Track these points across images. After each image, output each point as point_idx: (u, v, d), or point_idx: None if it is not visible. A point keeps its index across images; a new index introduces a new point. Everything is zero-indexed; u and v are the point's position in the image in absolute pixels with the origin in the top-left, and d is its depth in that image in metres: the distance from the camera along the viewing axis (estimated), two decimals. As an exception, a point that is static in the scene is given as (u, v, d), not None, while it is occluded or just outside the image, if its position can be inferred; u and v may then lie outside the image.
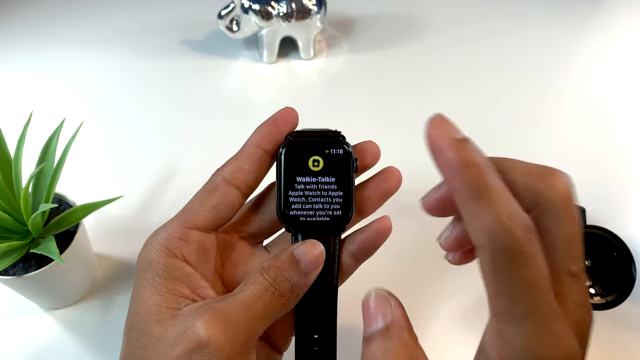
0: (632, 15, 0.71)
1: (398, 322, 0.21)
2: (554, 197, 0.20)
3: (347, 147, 0.26)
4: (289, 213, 0.26)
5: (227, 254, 0.28)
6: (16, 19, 0.67)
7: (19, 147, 0.34)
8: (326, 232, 0.27)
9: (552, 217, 0.20)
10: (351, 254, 0.28)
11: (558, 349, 0.18)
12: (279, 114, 0.27)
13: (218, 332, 0.22)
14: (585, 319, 0.20)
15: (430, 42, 0.65)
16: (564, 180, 0.20)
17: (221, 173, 0.26)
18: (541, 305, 0.18)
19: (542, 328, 0.18)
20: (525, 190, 0.20)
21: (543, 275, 0.18)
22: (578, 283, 0.20)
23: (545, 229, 0.20)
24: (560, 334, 0.18)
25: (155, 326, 0.23)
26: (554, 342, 0.18)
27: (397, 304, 0.22)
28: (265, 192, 0.29)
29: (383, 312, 0.21)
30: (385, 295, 0.22)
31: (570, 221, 0.20)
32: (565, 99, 0.59)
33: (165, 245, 0.25)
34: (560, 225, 0.19)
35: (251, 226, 0.29)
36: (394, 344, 0.21)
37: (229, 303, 0.23)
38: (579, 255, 0.20)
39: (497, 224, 0.18)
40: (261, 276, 0.24)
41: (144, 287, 0.24)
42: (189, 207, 0.26)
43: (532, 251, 0.18)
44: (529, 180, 0.20)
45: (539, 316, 0.18)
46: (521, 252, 0.18)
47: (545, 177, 0.20)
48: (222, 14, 0.57)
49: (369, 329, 0.22)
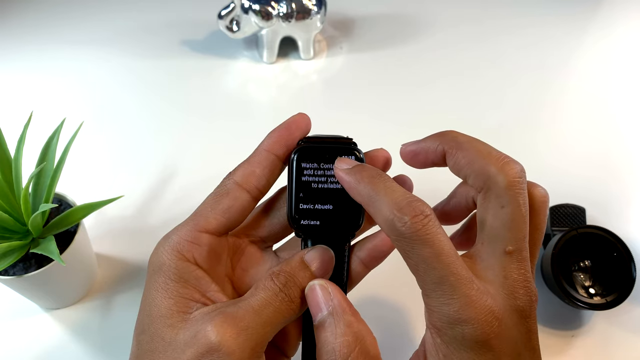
0: (632, 15, 0.71)
1: (339, 305, 0.24)
2: (500, 180, 0.22)
3: (359, 154, 0.26)
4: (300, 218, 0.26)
5: (238, 257, 0.28)
6: (16, 19, 0.67)
7: (19, 147, 0.34)
8: (336, 238, 0.27)
9: (497, 198, 0.22)
10: (360, 261, 0.28)
11: (470, 310, 0.21)
12: (292, 120, 0.27)
13: (229, 336, 0.22)
14: (519, 292, 0.22)
15: (430, 42, 0.65)
16: (515, 168, 0.23)
17: (233, 177, 0.26)
18: (448, 275, 0.21)
19: (452, 294, 0.21)
20: (479, 170, 0.23)
21: (444, 250, 0.21)
22: (514, 260, 0.22)
23: (489, 208, 0.23)
24: (471, 297, 0.21)
25: (166, 330, 0.23)
26: (465, 304, 0.21)
27: (335, 290, 0.24)
28: (275, 197, 0.29)
29: (325, 300, 0.24)
30: (322, 284, 0.25)
31: (514, 205, 0.22)
32: (566, 99, 0.59)
33: (177, 248, 0.25)
34: (503, 206, 0.22)
35: (261, 230, 0.29)
36: (339, 326, 0.23)
37: (240, 308, 0.23)
38: (518, 236, 0.22)
39: (386, 218, 0.22)
40: (271, 281, 0.24)
41: (156, 290, 0.24)
42: (201, 210, 0.26)
43: (427, 232, 0.21)
44: (484, 162, 0.23)
45: (447, 284, 0.21)
46: (417, 236, 0.21)
47: (498, 163, 0.23)
48: (222, 14, 0.57)
49: (316, 317, 0.24)
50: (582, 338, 0.40)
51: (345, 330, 0.23)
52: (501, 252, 0.22)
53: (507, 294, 0.22)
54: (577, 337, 0.40)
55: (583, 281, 0.40)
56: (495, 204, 0.22)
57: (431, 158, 0.26)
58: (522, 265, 0.22)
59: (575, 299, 0.38)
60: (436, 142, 0.25)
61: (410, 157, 0.26)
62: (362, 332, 0.23)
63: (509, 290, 0.22)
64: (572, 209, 0.44)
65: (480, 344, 0.21)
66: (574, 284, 0.39)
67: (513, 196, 0.22)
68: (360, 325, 0.24)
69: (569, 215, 0.44)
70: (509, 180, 0.22)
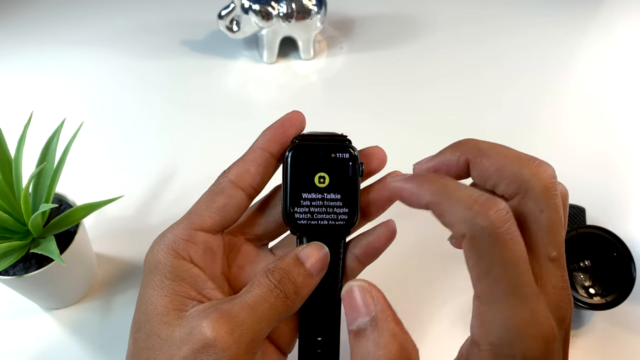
0: (632, 15, 0.71)
1: (383, 312, 0.21)
2: (536, 185, 0.21)
3: (353, 151, 0.26)
4: (295, 216, 0.26)
5: (233, 255, 0.28)
6: (16, 19, 0.67)
7: (19, 147, 0.34)
8: (331, 235, 0.27)
9: (534, 202, 0.21)
10: (355, 257, 0.28)
11: (536, 327, 0.19)
12: (286, 117, 0.27)
13: (224, 332, 0.22)
14: (564, 302, 0.21)
15: (430, 42, 0.65)
16: (548, 170, 0.22)
17: (227, 175, 0.26)
18: (521, 285, 0.19)
19: (521, 306, 0.19)
20: (512, 176, 0.22)
21: (522, 256, 0.19)
22: (557, 267, 0.21)
23: (527, 214, 0.21)
24: (538, 313, 0.19)
25: (162, 327, 0.24)
26: (532, 320, 0.19)
27: (378, 293, 0.22)
28: (271, 195, 0.29)
29: (366, 303, 0.21)
30: (364, 286, 0.22)
31: (552, 208, 0.21)
32: (565, 99, 0.59)
33: (172, 247, 0.25)
34: (542, 211, 0.21)
35: (257, 228, 0.29)
36: (383, 335, 0.21)
37: (235, 304, 0.23)
38: (559, 241, 0.21)
39: (468, 210, 0.19)
40: (266, 278, 0.24)
41: (151, 288, 0.25)
42: (196, 209, 0.26)
43: (508, 232, 0.19)
44: (516, 167, 0.22)
45: (518, 295, 0.19)
46: (498, 234, 0.19)
47: (531, 166, 0.22)
48: (222, 14, 0.57)
49: (354, 322, 0.21)
50: (582, 338, 0.40)
51: (389, 340, 0.21)
52: (545, 259, 0.21)
53: (556, 305, 0.20)
54: (577, 337, 0.40)
55: (583, 281, 0.40)
56: (534, 209, 0.21)
57: (454, 171, 0.24)
58: (564, 272, 0.21)
59: (575, 299, 0.38)
60: (456, 153, 0.24)
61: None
62: (407, 343, 0.21)
63: (557, 301, 0.21)
64: (572, 209, 0.44)
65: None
66: (574, 284, 0.39)
67: (551, 199, 0.21)
68: (405, 335, 0.21)
69: (569, 215, 0.44)
70: (545, 183, 0.21)
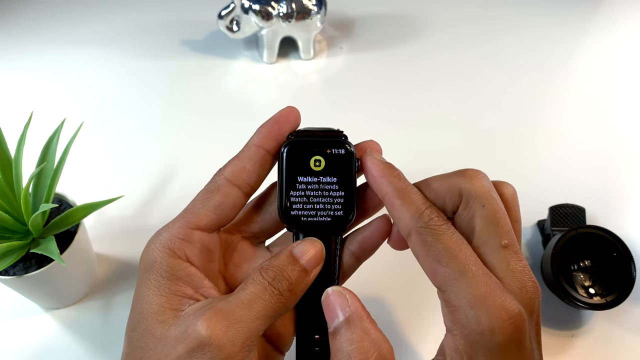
0: (632, 15, 0.71)
1: (356, 312, 0.24)
2: (472, 187, 0.24)
3: (349, 147, 0.26)
4: (291, 213, 0.26)
5: (230, 253, 0.28)
6: (16, 19, 0.67)
7: (19, 147, 0.34)
8: (327, 232, 0.27)
9: (475, 201, 0.23)
10: (352, 254, 0.28)
11: (494, 300, 0.21)
12: (280, 114, 0.27)
13: (219, 331, 0.22)
14: (527, 284, 0.22)
15: (430, 42, 0.65)
16: (478, 174, 0.24)
17: (223, 173, 0.26)
18: (469, 264, 0.22)
19: (475, 284, 0.21)
20: (450, 191, 0.24)
21: (463, 243, 0.23)
22: (512, 253, 0.23)
23: (471, 214, 0.24)
24: (494, 288, 0.21)
25: (157, 326, 0.23)
26: (490, 295, 0.21)
27: (352, 296, 0.24)
28: (267, 192, 0.29)
29: (341, 306, 0.24)
30: (340, 290, 0.25)
31: (492, 203, 0.23)
32: (565, 99, 0.59)
33: (168, 245, 0.25)
34: (483, 205, 0.23)
35: (253, 226, 0.29)
36: (356, 333, 0.23)
37: (230, 302, 0.23)
38: (507, 229, 0.23)
39: (417, 209, 0.23)
40: (260, 275, 0.24)
41: (147, 288, 0.24)
42: (191, 207, 0.26)
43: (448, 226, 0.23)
44: (451, 182, 0.24)
45: (470, 274, 0.21)
46: (439, 226, 0.23)
47: (463, 175, 0.24)
48: (222, 14, 0.57)
49: (332, 324, 0.24)
50: (582, 338, 0.40)
51: (362, 336, 0.23)
52: (498, 247, 0.23)
53: (519, 288, 0.22)
54: (577, 337, 0.40)
55: (583, 281, 0.40)
56: (477, 206, 0.23)
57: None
58: (520, 257, 0.23)
59: (575, 299, 0.38)
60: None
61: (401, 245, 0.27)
62: (380, 340, 0.23)
63: (519, 283, 0.22)
64: (572, 209, 0.44)
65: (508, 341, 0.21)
66: (573, 284, 0.39)
67: (488, 193, 0.24)
68: (377, 333, 0.23)
69: (569, 215, 0.44)
70: (480, 185, 0.24)
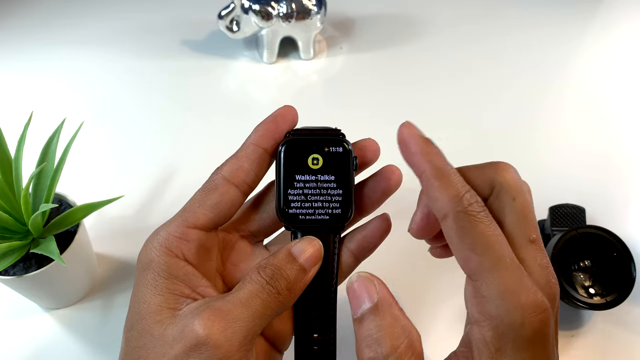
0: (632, 15, 0.71)
1: (385, 298, 0.23)
2: (503, 180, 0.23)
3: (347, 145, 0.26)
4: (288, 211, 0.26)
5: (228, 252, 0.28)
6: (16, 19, 0.67)
7: (20, 147, 0.34)
8: (326, 230, 0.26)
9: (506, 193, 0.23)
10: (350, 252, 0.28)
11: (526, 294, 0.21)
12: (278, 112, 0.27)
13: (216, 330, 0.22)
14: (551, 280, 0.22)
15: (430, 42, 0.65)
16: (510, 168, 0.24)
17: (221, 172, 0.26)
18: (504, 256, 0.21)
19: (508, 275, 0.21)
20: (481, 182, 0.24)
21: (499, 234, 0.22)
22: (538, 248, 0.23)
23: (502, 206, 0.23)
24: (525, 283, 0.21)
25: (155, 326, 0.23)
26: (522, 288, 0.21)
27: (380, 282, 0.24)
28: (265, 191, 0.29)
29: (369, 292, 0.23)
30: (367, 276, 0.24)
31: (522, 196, 0.23)
32: (565, 99, 0.59)
33: (165, 244, 0.25)
34: (514, 198, 0.23)
35: (251, 225, 0.29)
36: (386, 319, 0.22)
37: (227, 301, 0.23)
38: (534, 223, 0.23)
39: (457, 192, 0.22)
40: (258, 274, 0.24)
41: (145, 287, 0.24)
42: (189, 206, 0.26)
43: (487, 214, 0.22)
44: (483, 173, 0.24)
45: (504, 266, 0.21)
46: (478, 213, 0.22)
47: (495, 167, 0.24)
48: (222, 14, 0.57)
49: (358, 310, 0.23)
50: (582, 338, 0.40)
51: (392, 322, 0.22)
52: (526, 241, 0.23)
53: (545, 283, 0.22)
54: (577, 337, 0.40)
55: (583, 281, 0.40)
56: (508, 198, 0.23)
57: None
58: (545, 253, 0.23)
59: (575, 299, 0.38)
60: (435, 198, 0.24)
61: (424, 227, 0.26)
62: (409, 327, 0.23)
63: (545, 279, 0.22)
64: (572, 209, 0.44)
65: (536, 335, 0.21)
66: (573, 284, 0.39)
67: (520, 188, 0.23)
68: (406, 320, 0.23)
69: (568, 215, 0.44)
70: (511, 176, 0.23)
